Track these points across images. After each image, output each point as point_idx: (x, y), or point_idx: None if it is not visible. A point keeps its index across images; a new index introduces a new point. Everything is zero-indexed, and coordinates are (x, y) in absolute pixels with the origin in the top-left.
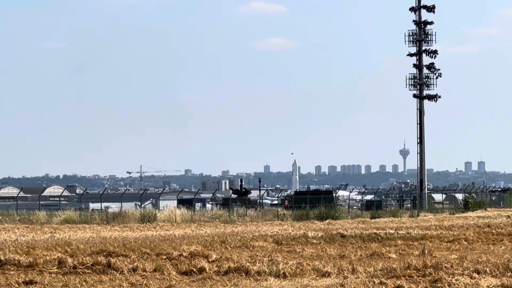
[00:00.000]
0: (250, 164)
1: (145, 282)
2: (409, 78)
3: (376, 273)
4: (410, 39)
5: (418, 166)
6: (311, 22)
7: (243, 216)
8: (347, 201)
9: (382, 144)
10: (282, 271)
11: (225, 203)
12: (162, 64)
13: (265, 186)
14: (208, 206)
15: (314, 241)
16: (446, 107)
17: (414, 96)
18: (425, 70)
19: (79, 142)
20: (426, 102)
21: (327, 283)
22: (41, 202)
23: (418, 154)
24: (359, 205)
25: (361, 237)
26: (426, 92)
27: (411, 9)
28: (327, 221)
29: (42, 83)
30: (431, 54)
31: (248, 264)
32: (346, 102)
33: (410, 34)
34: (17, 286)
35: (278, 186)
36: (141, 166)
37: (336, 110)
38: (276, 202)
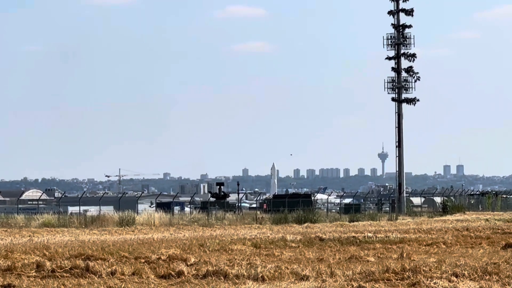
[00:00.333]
0: (229, 167)
1: (123, 285)
2: (387, 82)
3: (354, 276)
4: (389, 43)
5: (397, 170)
6: (290, 26)
7: (222, 219)
8: (326, 204)
9: (360, 147)
10: (261, 275)
11: (203, 207)
12: (141, 67)
13: (243, 189)
14: (186, 209)
15: (293, 244)
16: (425, 111)
17: (393, 99)
18: (403, 74)
19: (58, 146)
20: (404, 105)
21: (306, 287)
22: (19, 206)
23: (397, 158)
24: (338, 208)
25: (339, 240)
26: (404, 95)
27: (390, 12)
28: (306, 224)
29: (20, 87)
30: (410, 58)
31: (226, 267)
32: (324, 105)
33: (389, 38)
34: None
35: (256, 189)
36: (119, 169)
37: (314, 113)
38: (254, 205)
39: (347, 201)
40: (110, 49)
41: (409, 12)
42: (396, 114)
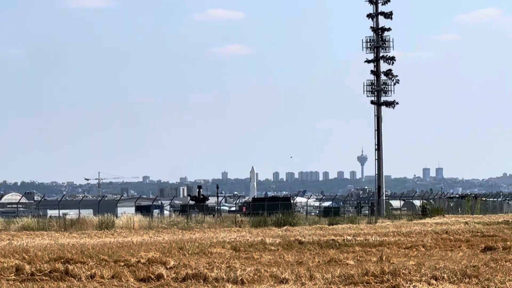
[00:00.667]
0: (208, 170)
1: None
2: (366, 85)
3: (334, 279)
4: (368, 46)
5: (376, 173)
6: (269, 29)
7: (201, 222)
8: (305, 207)
9: (340, 150)
10: (240, 278)
11: (183, 210)
12: (119, 70)
13: (223, 192)
14: (166, 212)
15: (272, 247)
16: (404, 114)
17: (372, 102)
18: (382, 77)
19: (37, 149)
20: (384, 108)
21: None
22: None
23: (376, 161)
24: (317, 211)
25: (319, 243)
26: (383, 98)
27: (369, 15)
28: (285, 227)
29: None
30: (389, 61)
31: (206, 270)
32: (304, 108)
33: (368, 41)
34: None
35: (236, 192)
36: (99, 172)
37: (294, 116)
38: (234, 208)
39: (327, 204)
40: (89, 53)
41: (388, 15)
42: (375, 117)
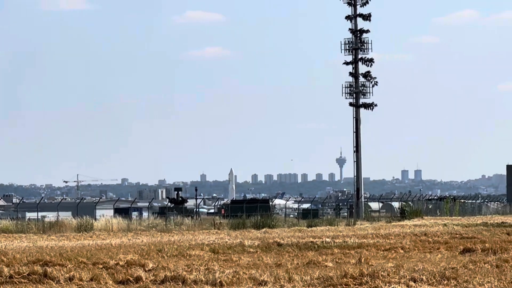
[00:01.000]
0: (187, 173)
1: None
2: (345, 87)
3: (312, 281)
4: (346, 48)
5: (355, 175)
6: (248, 31)
7: (180, 225)
8: (284, 209)
9: (318, 152)
10: (219, 280)
11: (161, 212)
12: (98, 72)
13: (201, 195)
14: (144, 215)
15: (251, 249)
16: (383, 116)
17: (350, 104)
18: (361, 79)
19: (15, 151)
20: (362, 110)
21: None
22: None
23: (355, 163)
24: (296, 213)
25: (297, 245)
26: (362, 100)
27: (347, 17)
28: (264, 229)
29: None
30: (367, 63)
31: (184, 273)
32: (282, 110)
33: (346, 43)
34: None
35: (214, 195)
36: (77, 175)
37: (272, 118)
38: (212, 211)
39: (305, 206)
40: (67, 55)
41: (366, 17)
42: (354, 119)
